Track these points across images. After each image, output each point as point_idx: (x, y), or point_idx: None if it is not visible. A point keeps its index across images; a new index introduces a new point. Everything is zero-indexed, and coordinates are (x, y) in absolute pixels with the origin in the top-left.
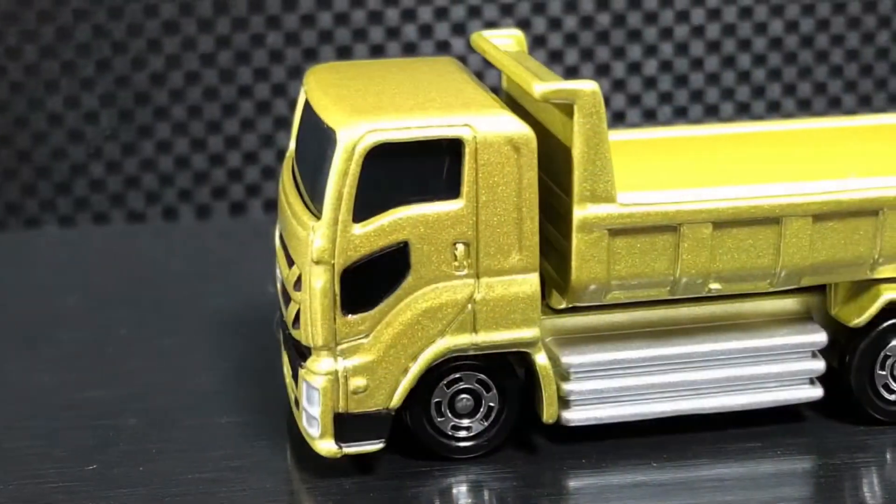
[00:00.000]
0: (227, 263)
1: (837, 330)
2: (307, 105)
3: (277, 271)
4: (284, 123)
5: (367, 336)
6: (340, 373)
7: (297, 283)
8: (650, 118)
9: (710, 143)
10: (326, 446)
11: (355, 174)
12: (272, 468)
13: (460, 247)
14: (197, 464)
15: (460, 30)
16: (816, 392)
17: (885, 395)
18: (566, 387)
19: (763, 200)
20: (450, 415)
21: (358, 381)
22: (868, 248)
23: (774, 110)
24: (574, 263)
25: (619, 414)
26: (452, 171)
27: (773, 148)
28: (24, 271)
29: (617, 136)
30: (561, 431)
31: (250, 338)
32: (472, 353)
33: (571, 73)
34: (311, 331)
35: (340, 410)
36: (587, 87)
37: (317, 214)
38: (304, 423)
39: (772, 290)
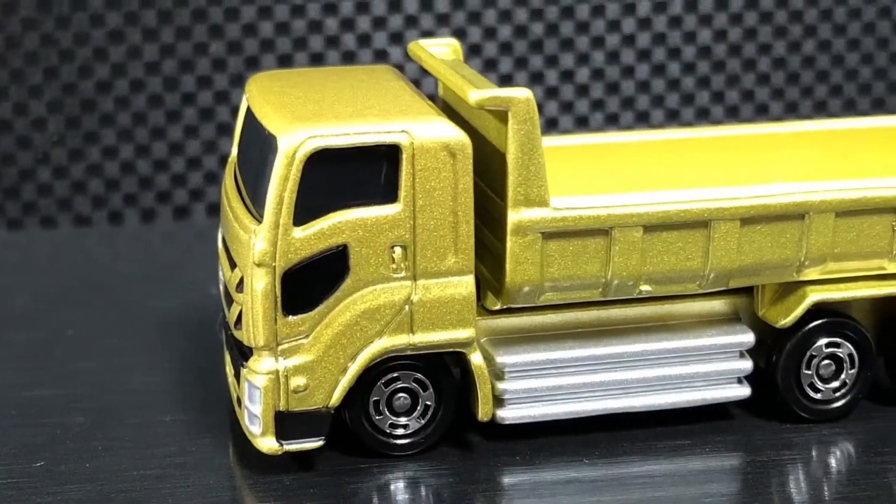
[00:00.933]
0: (172, 266)
1: (764, 330)
2: (249, 112)
3: (220, 274)
4: (227, 130)
5: (307, 336)
6: (281, 372)
7: (240, 285)
8: (582, 125)
9: (641, 148)
10: (268, 444)
11: (296, 179)
12: (215, 465)
13: (398, 250)
14: (142, 460)
15: (398, 39)
16: (744, 391)
17: (811, 393)
18: (501, 386)
19: (692, 205)
20: (388, 413)
21: (298, 381)
22: (794, 251)
23: (703, 117)
24: (508, 266)
25: (551, 412)
26: (390, 176)
27: (702, 154)
28: None
29: (550, 142)
30: (495, 429)
31: (194, 338)
32: (409, 352)
33: (506, 80)
34: (253, 331)
35: (281, 409)
36: (521, 94)
37: (258, 218)
38: (246, 421)
39: (701, 291)
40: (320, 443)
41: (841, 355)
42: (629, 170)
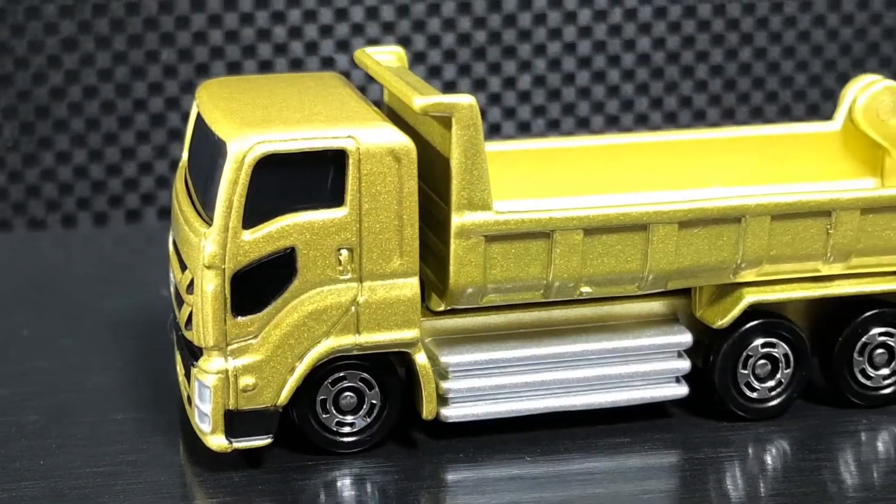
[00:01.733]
0: (124, 268)
1: (702, 331)
2: (199, 118)
3: (171, 276)
4: (178, 135)
5: (256, 337)
6: (230, 372)
7: (190, 287)
8: (525, 130)
9: (582, 154)
10: (217, 441)
11: (245, 183)
12: (166, 462)
13: (344, 252)
14: (95, 458)
15: (344, 46)
16: (682, 390)
17: (747, 392)
18: (444, 385)
19: (631, 208)
20: (334, 411)
21: (247, 380)
22: (731, 254)
23: (642, 123)
24: (452, 268)
25: (494, 411)
26: (337, 180)
27: (642, 158)
28: None
29: (493, 147)
30: (440, 427)
31: (145, 339)
32: (355, 352)
33: (450, 87)
34: (203, 332)
35: (230, 407)
36: (464, 100)
37: (208, 221)
38: (196, 419)
39: (640, 293)
40: (268, 440)
41: (776, 355)
42: (570, 174)
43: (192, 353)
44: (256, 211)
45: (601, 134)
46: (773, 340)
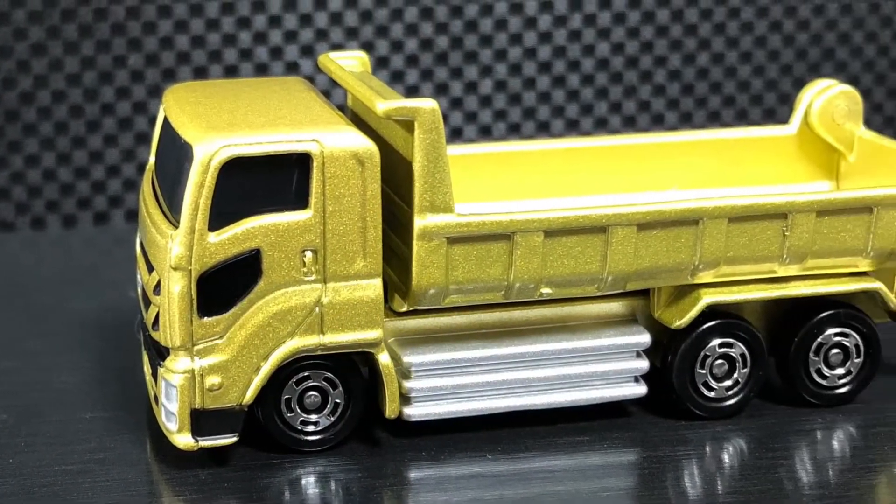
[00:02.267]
0: (92, 270)
1: (660, 331)
2: (166, 122)
3: (138, 277)
4: (145, 139)
5: (221, 337)
6: (197, 371)
7: (157, 288)
8: (486, 134)
9: (542, 157)
10: (184, 440)
11: (210, 186)
12: (133, 460)
13: (308, 254)
14: (63, 456)
15: (308, 51)
16: (641, 389)
17: (705, 392)
18: (407, 384)
19: (591, 211)
20: (299, 410)
21: (213, 379)
22: (689, 256)
23: (602, 126)
24: (415, 269)
25: (456, 410)
26: (301, 183)
27: (601, 162)
28: None
29: (454, 150)
30: (402, 426)
31: (113, 339)
32: (319, 352)
33: (412, 91)
34: (170, 332)
35: (197, 406)
36: (427, 105)
37: (175, 224)
38: (163, 418)
39: (599, 294)
40: (234, 439)
41: (733, 355)
42: (531, 177)
43: (159, 353)
44: (222, 213)
45: (561, 138)
46: (731, 341)
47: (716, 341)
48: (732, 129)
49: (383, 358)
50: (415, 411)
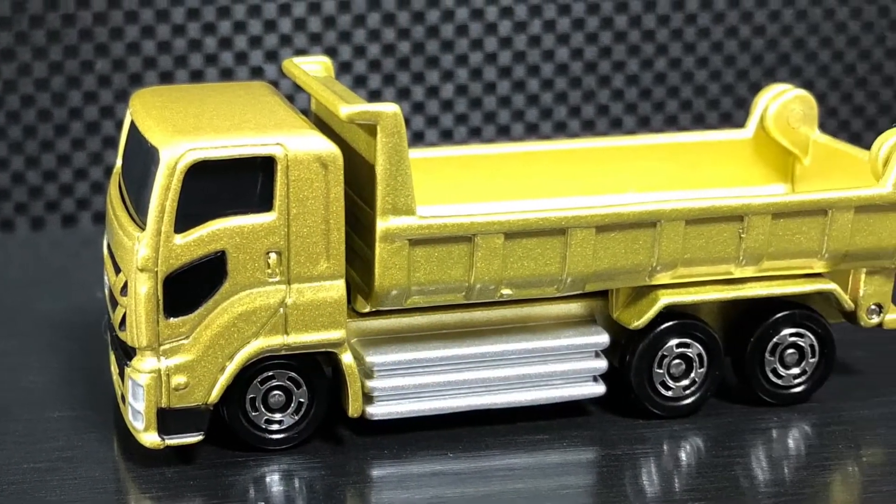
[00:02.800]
0: (60, 271)
1: (619, 332)
2: (133, 126)
3: (105, 278)
4: (112, 143)
5: (187, 337)
6: (163, 371)
7: (124, 289)
8: (447, 137)
9: (503, 160)
10: (150, 438)
11: (176, 189)
12: (100, 458)
13: (273, 255)
14: (32, 454)
15: (273, 57)
16: (599, 389)
17: (662, 391)
18: (370, 384)
19: (550, 213)
20: (263, 409)
21: (179, 379)
22: (646, 257)
23: (561, 130)
24: (377, 271)
25: (418, 409)
26: (266, 186)
27: (561, 165)
28: None
29: (416, 154)
30: (365, 425)
31: (80, 339)
32: (283, 352)
33: (375, 96)
34: (137, 333)
35: (163, 405)
36: (389, 109)
37: (141, 226)
38: (129, 417)
39: (558, 295)
40: (200, 437)
41: (690, 355)
42: (491, 181)
43: (126, 353)
44: (188, 215)
45: (521, 141)
46: (688, 341)
47: (673, 341)
48: (689, 133)
49: (346, 358)
50: (377, 410)
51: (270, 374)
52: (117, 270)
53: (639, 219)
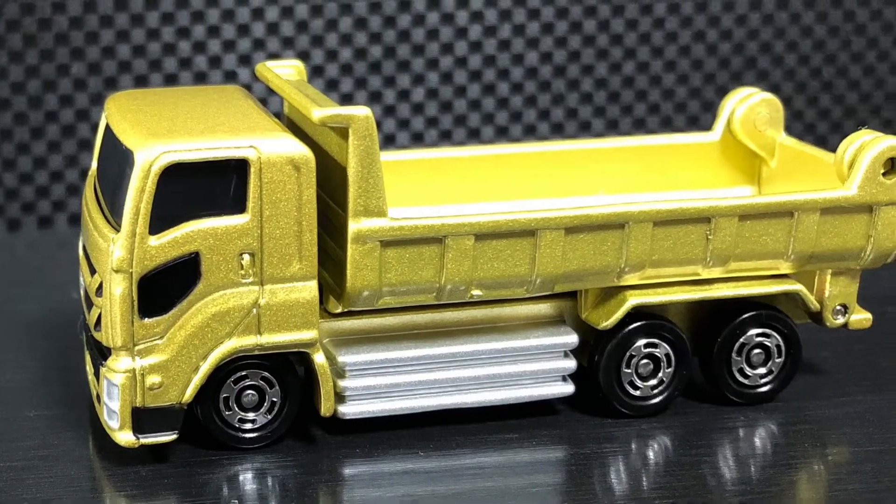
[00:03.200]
0: (36, 272)
1: (587, 332)
2: (108, 129)
3: (81, 279)
4: (87, 145)
5: (162, 337)
6: (138, 371)
7: (99, 290)
8: (418, 140)
9: (473, 163)
10: (125, 437)
11: (151, 191)
12: (76, 457)
13: (246, 257)
14: (8, 453)
15: (246, 60)
16: (568, 388)
17: (630, 391)
18: (342, 383)
19: (520, 215)
20: (237, 409)
21: (153, 378)
22: (615, 258)
23: (530, 133)
24: (349, 272)
25: (389, 408)
26: (239, 188)
27: (530, 168)
28: None
29: (388, 156)
30: (337, 424)
31: (56, 339)
32: (256, 352)
33: (347, 99)
34: (112, 333)
35: (138, 405)
36: (361, 112)
37: (116, 227)
38: (104, 416)
39: (528, 295)
40: (174, 436)
41: (658, 355)
42: (462, 183)
43: (101, 353)
44: (162, 217)
45: (491, 144)
46: (655, 341)
47: (641, 341)
48: (657, 136)
49: (319, 358)
50: (349, 409)
51: (244, 373)
52: (93, 271)
53: (607, 220)
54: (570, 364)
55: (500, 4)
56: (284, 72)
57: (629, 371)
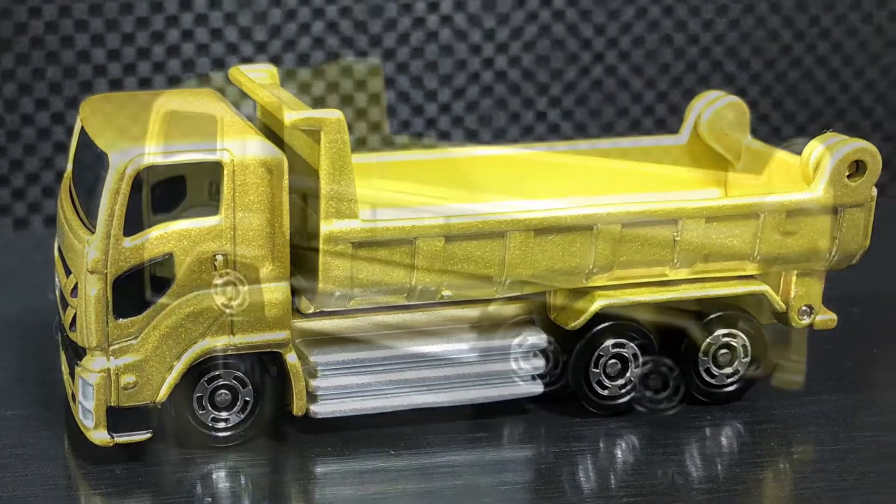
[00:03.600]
0: (12, 273)
1: (556, 332)
2: (83, 132)
3: (56, 280)
4: (63, 148)
5: (136, 338)
6: (112, 370)
7: (74, 291)
8: (389, 144)
9: (444, 165)
10: (100, 436)
11: (125, 193)
12: (52, 456)
13: (220, 258)
14: None
15: (220, 64)
16: (537, 388)
17: (599, 390)
18: (314, 383)
19: (489, 217)
20: (210, 408)
21: (128, 378)
22: (583, 260)
23: (500, 136)
24: (321, 273)
25: (361, 407)
26: (212, 190)
27: (500, 170)
28: None
29: (359, 159)
30: (309, 423)
31: (32, 339)
32: (230, 352)
33: (319, 103)
34: (87, 333)
35: (112, 404)
36: (332, 115)
37: (91, 229)
38: (80, 415)
39: (498, 296)
40: (148, 435)
41: (626, 355)
42: (433, 185)
43: (76, 353)
44: (137, 219)
45: (461, 146)
46: (623, 341)
47: (609, 342)
48: (625, 139)
49: (291, 357)
50: (321, 409)
51: (217, 373)
52: (68, 272)
53: (576, 222)
54: (540, 364)
55: (470, 9)
56: (257, 75)
57: (597, 371)
